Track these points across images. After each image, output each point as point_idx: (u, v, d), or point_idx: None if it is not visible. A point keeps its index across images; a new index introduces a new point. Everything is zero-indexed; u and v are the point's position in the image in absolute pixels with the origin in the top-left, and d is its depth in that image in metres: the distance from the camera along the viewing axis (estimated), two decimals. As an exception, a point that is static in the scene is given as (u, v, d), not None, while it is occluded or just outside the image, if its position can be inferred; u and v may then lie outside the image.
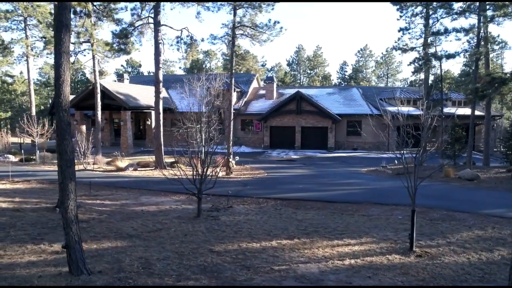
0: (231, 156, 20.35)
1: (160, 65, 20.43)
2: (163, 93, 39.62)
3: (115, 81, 42.66)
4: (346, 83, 60.71)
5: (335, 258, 7.13)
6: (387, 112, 32.39)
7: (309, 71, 63.94)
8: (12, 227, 8.67)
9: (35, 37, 37.98)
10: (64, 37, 5.57)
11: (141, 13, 21.26)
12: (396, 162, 23.87)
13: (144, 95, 34.65)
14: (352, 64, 64.08)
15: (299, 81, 64.39)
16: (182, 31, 21.32)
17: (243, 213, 11.12)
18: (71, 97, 39.07)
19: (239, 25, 20.61)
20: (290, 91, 38.42)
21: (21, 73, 59.71)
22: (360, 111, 34.74)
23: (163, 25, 20.27)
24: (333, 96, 37.48)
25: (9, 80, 55.74)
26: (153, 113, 34.86)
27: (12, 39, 38.22)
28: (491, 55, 24.64)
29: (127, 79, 42.54)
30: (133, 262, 6.75)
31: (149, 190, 15.07)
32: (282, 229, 9.17)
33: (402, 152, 8.55)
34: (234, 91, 35.99)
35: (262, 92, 39.58)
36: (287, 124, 34.45)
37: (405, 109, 34.42)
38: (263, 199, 13.10)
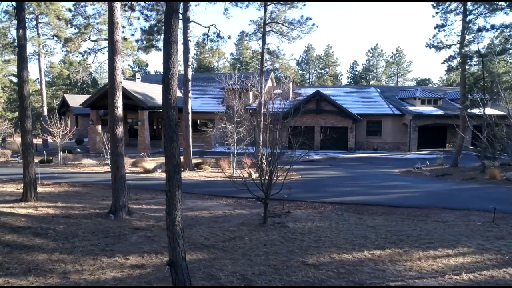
0: (263, 158, 19.60)
1: (189, 63, 19.68)
2: (177, 92, 39.04)
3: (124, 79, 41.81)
4: (356, 83, 60.13)
5: (448, 272, 6.43)
6: (409, 112, 31.62)
7: (319, 70, 63.32)
8: (74, 236, 7.94)
9: (46, 35, 37.18)
10: (174, 24, 4.86)
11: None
12: (427, 163, 23.27)
13: (159, 94, 33.86)
14: (362, 64, 63.54)
15: (308, 81, 63.77)
16: (209, 28, 20.62)
17: (306, 219, 10.42)
18: (86, 96, 38.21)
19: (270, 21, 19.89)
20: (306, 91, 37.75)
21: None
22: (380, 111, 34.12)
23: (191, 21, 19.54)
24: (351, 95, 36.81)
25: (14, 79, 54.78)
26: (169, 113, 34.19)
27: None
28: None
29: (139, 78, 41.73)
30: (229, 278, 6.05)
31: (190, 193, 14.33)
32: (363, 238, 8.47)
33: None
34: (250, 90, 35.34)
35: (277, 91, 38.85)
36: (306, 124, 33.72)
37: (427, 108, 33.85)
38: (318, 203, 12.42)
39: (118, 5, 9.53)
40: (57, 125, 21.22)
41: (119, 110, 9.59)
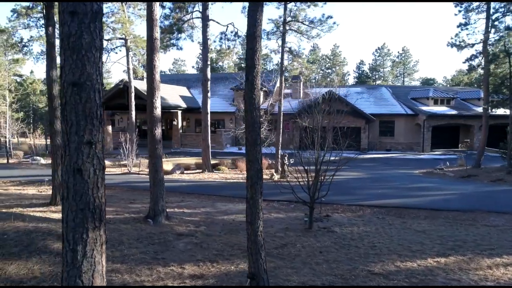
0: (285, 158, 19.26)
1: (208, 62, 19.30)
2: (186, 92, 38.67)
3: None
4: (362, 82, 59.81)
5: (529, 282, 6.07)
6: (423, 112, 31.06)
7: (326, 70, 63.00)
8: (120, 243, 7.56)
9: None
10: (259, 17, 4.48)
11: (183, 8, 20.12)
12: (447, 163, 22.91)
13: (170, 94, 33.53)
14: (369, 63, 63.23)
15: (313, 80, 63.43)
16: (227, 26, 20.22)
17: (349, 223, 10.07)
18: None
19: (290, 19, 19.52)
20: (316, 91, 37.39)
21: (31, 72, 58.24)
22: (392, 111, 33.77)
23: (210, 20, 19.15)
24: (362, 95, 36.41)
25: (18, 79, 54.32)
26: (179, 113, 33.88)
27: (31, 36, 36.83)
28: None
29: (146, 78, 41.30)
30: (300, 289, 5.68)
31: (218, 196, 13.98)
32: (418, 244, 8.12)
33: None
34: (261, 90, 34.96)
35: (287, 91, 38.52)
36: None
37: (440, 108, 33.43)
38: (355, 207, 12.08)
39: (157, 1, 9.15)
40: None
41: (158, 111, 9.22)
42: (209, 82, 19.59)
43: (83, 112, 2.73)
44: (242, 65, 62.99)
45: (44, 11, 11.29)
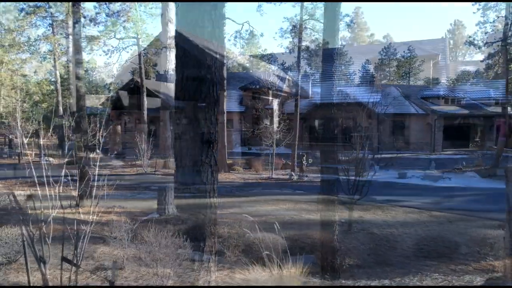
0: (304, 158, 19.05)
1: (225, 61, 19.07)
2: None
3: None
4: (368, 82, 59.50)
5: None
6: (434, 112, 30.64)
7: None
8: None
9: (61, 34, 36.42)
10: (338, 10, 4.27)
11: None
12: (463, 163, 22.71)
13: (179, 94, 33.27)
14: (375, 62, 62.82)
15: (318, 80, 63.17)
16: (243, 25, 20.05)
17: (385, 224, 9.85)
18: (96, 96, 37.54)
19: (308, 18, 19.33)
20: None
21: (35, 72, 57.87)
22: (403, 110, 33.55)
23: (227, 18, 18.95)
24: (371, 94, 36.23)
25: (22, 79, 53.94)
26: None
27: (38, 35, 36.72)
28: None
29: (153, 77, 41.04)
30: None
31: (241, 196, 13.77)
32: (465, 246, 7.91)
33: None
34: (271, 89, 34.77)
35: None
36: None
37: (451, 108, 33.17)
38: (385, 207, 11.86)
39: None
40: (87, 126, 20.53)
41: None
42: (225, 81, 19.37)
43: (203, 108, 2.51)
44: (247, 65, 62.75)
45: (70, 10, 11.03)
